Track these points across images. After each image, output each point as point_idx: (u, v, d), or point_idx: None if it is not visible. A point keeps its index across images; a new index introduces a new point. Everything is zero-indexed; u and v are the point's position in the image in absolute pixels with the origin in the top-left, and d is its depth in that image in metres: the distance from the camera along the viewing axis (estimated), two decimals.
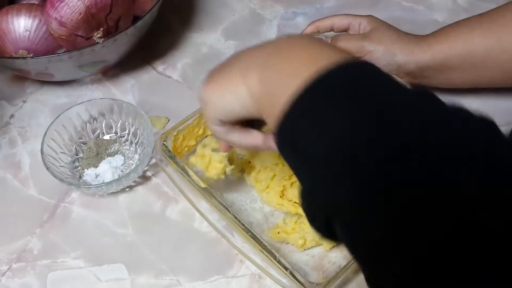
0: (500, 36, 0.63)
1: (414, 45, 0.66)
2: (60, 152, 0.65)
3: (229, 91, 0.45)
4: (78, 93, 0.75)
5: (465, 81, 0.67)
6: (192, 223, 0.62)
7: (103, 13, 0.66)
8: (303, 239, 0.58)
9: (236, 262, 0.59)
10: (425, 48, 0.65)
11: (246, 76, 0.43)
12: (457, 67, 0.65)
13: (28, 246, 0.60)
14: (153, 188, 0.65)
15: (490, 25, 0.64)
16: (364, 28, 0.69)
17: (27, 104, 0.74)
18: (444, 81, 0.68)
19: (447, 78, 0.67)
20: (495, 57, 0.63)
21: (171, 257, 0.59)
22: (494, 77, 0.66)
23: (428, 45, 0.65)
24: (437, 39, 0.66)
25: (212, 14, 0.86)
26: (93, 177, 0.64)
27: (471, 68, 0.65)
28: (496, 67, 0.64)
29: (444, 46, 0.65)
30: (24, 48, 0.68)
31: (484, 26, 0.64)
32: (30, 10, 0.68)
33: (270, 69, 0.41)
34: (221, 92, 0.46)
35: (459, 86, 0.69)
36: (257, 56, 0.44)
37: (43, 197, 0.64)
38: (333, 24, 0.72)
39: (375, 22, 0.69)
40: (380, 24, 0.69)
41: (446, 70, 0.66)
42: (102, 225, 0.62)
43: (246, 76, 0.43)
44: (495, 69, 0.65)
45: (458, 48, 0.64)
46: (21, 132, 0.71)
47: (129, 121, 0.67)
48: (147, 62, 0.79)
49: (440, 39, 0.66)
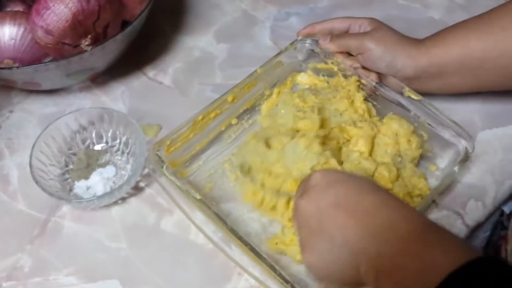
0: (498, 39, 0.61)
1: (413, 48, 0.64)
2: (49, 164, 0.63)
3: (338, 276, 0.46)
4: (66, 101, 0.73)
5: (463, 85, 0.66)
6: (187, 235, 0.60)
7: (90, 20, 0.64)
8: None
9: (234, 275, 0.57)
10: (423, 51, 0.64)
11: (359, 269, 0.43)
12: (454, 71, 0.63)
13: (19, 264, 0.58)
14: (146, 199, 0.63)
15: (487, 28, 0.62)
16: (365, 29, 0.67)
17: (14, 114, 0.72)
18: (442, 86, 0.66)
19: (445, 83, 0.65)
20: (493, 60, 0.62)
21: (167, 271, 0.57)
22: (492, 80, 0.64)
23: (426, 48, 0.64)
24: (434, 43, 0.64)
25: (203, 17, 0.84)
26: (84, 189, 0.62)
27: (468, 72, 0.63)
28: (494, 70, 0.63)
29: (440, 50, 0.63)
30: (9, 58, 0.66)
31: (481, 29, 0.62)
32: (14, 18, 0.66)
33: (395, 272, 0.40)
34: (329, 272, 0.46)
35: (458, 91, 0.68)
36: (370, 244, 0.43)
37: (33, 212, 0.62)
38: (332, 27, 0.70)
39: (377, 23, 0.67)
40: (381, 25, 0.67)
41: (444, 74, 0.64)
42: (95, 239, 0.60)
43: (358, 269, 0.43)
44: (493, 73, 0.63)
45: (455, 52, 0.63)
46: (8, 144, 0.69)
47: (120, 130, 0.65)
48: (138, 67, 0.76)
49: (436, 42, 0.64)
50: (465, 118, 0.67)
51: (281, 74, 0.70)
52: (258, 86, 0.68)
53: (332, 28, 0.70)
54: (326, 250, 0.46)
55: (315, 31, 0.70)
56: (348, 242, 0.44)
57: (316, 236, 0.46)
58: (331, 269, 0.46)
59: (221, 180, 0.63)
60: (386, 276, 0.40)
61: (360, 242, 0.43)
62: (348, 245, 0.44)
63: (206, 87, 0.74)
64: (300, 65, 0.71)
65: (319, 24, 0.70)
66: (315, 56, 0.70)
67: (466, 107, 0.70)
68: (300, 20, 0.82)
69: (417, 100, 0.64)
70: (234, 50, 0.79)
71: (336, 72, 0.68)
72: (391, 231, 0.42)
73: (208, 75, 0.76)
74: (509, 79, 0.63)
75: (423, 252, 0.39)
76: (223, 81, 0.75)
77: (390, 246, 0.41)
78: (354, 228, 0.44)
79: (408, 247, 0.40)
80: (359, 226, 0.44)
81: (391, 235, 0.42)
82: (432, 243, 0.40)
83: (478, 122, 0.69)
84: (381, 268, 0.41)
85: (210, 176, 0.64)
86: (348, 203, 0.46)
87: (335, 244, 0.45)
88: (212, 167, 0.64)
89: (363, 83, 0.66)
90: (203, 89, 0.74)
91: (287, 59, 0.69)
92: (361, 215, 0.44)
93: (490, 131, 0.69)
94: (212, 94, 0.72)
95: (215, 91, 0.73)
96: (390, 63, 0.64)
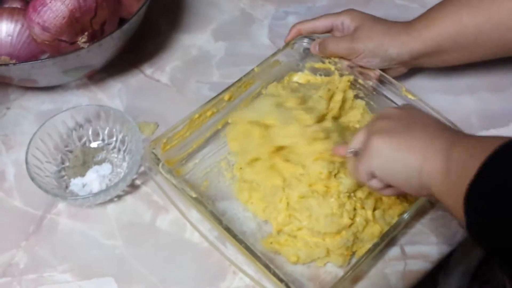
0: (490, 12, 0.61)
1: (404, 35, 0.64)
2: (45, 161, 0.63)
3: (403, 160, 0.47)
4: (63, 98, 0.73)
5: (458, 60, 0.67)
6: (183, 234, 0.60)
7: (87, 17, 0.64)
8: (296, 257, 0.56)
9: (229, 273, 0.57)
10: (415, 36, 0.64)
11: (426, 159, 0.45)
12: (449, 49, 0.64)
13: (14, 260, 0.58)
14: (142, 197, 0.63)
15: (478, 2, 0.62)
16: (348, 27, 0.67)
17: (11, 111, 0.72)
18: (438, 63, 0.67)
19: (440, 60, 0.66)
20: (487, 34, 0.62)
21: (162, 269, 0.57)
22: (487, 52, 0.65)
23: (418, 32, 0.64)
24: (424, 24, 0.64)
25: (200, 15, 0.84)
26: (80, 186, 0.62)
27: (463, 48, 0.64)
28: (488, 43, 0.63)
29: (433, 31, 0.63)
30: (6, 54, 0.66)
31: (472, 4, 0.62)
32: (12, 14, 0.66)
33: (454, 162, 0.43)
34: (395, 155, 0.47)
35: (453, 64, 0.68)
36: (440, 142, 0.46)
37: (29, 209, 0.62)
38: (315, 27, 0.69)
39: (358, 18, 0.67)
40: (364, 19, 0.67)
41: (439, 53, 0.65)
42: (90, 237, 0.60)
43: (426, 159, 0.45)
44: (488, 46, 0.64)
45: (448, 31, 0.63)
46: (5, 140, 0.69)
47: (117, 127, 0.65)
48: (135, 65, 0.76)
49: (427, 23, 0.64)
50: (462, 119, 0.67)
51: (278, 73, 0.70)
52: (255, 85, 0.68)
53: (314, 28, 0.69)
54: (403, 137, 0.48)
55: (301, 33, 0.70)
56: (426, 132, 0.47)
57: (401, 130, 0.48)
58: (394, 154, 0.47)
59: (217, 178, 0.63)
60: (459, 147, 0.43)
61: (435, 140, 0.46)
62: (425, 133, 0.47)
63: (203, 85, 0.74)
64: (297, 64, 0.71)
65: (302, 24, 0.70)
66: (313, 56, 0.69)
67: (463, 107, 0.70)
68: (298, 19, 0.81)
69: (413, 100, 0.64)
70: (231, 49, 0.79)
71: (333, 72, 0.68)
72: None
73: (206, 73, 0.76)
74: (502, 49, 0.64)
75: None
76: (220, 79, 0.75)
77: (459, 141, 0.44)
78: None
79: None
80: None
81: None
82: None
83: (475, 122, 0.69)
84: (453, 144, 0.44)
85: (206, 174, 0.64)
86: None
87: (413, 138, 0.47)
88: (208, 166, 0.64)
89: (360, 83, 0.66)
90: (200, 87, 0.74)
91: (284, 58, 0.69)
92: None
93: (487, 131, 0.69)
94: (209, 93, 0.72)
95: (212, 89, 0.73)
96: (384, 56, 0.64)
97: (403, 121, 0.49)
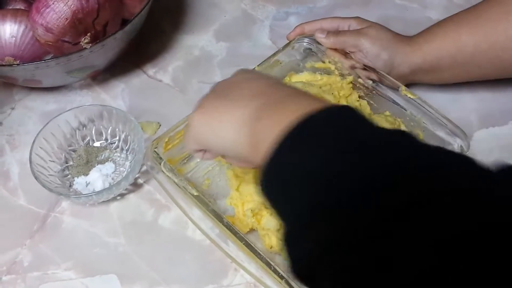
0: (487, 30, 0.62)
1: (407, 46, 0.65)
2: (49, 160, 0.63)
3: (218, 133, 0.45)
4: (67, 98, 0.74)
5: (455, 78, 0.67)
6: (185, 232, 0.61)
7: (90, 18, 0.64)
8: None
9: (230, 270, 0.58)
10: (416, 48, 0.64)
11: (236, 131, 0.43)
12: (448, 67, 0.65)
13: (18, 258, 0.59)
14: (145, 195, 0.64)
15: (476, 20, 0.63)
16: (355, 28, 0.68)
17: (16, 111, 0.72)
18: (435, 81, 0.68)
19: (438, 78, 0.67)
20: (484, 53, 0.63)
21: (164, 267, 0.58)
22: (484, 72, 0.66)
23: (418, 45, 0.65)
24: (425, 39, 0.65)
25: (202, 16, 0.84)
26: (83, 185, 0.63)
27: (461, 66, 0.65)
28: (485, 62, 0.64)
29: (433, 46, 0.64)
30: (10, 55, 0.67)
31: (471, 23, 0.63)
32: (15, 15, 0.67)
33: (260, 121, 0.41)
34: (213, 126, 0.45)
35: (450, 82, 0.69)
36: (249, 112, 0.42)
37: (33, 207, 0.63)
38: (321, 28, 0.70)
39: (366, 22, 0.68)
40: (373, 23, 0.68)
41: (438, 71, 0.65)
42: (94, 235, 0.61)
43: (236, 131, 0.43)
44: (484, 65, 0.64)
45: (448, 48, 0.64)
46: (9, 140, 0.69)
47: (120, 127, 0.66)
48: (137, 65, 0.77)
49: (428, 38, 0.65)
50: (462, 117, 0.67)
51: (279, 73, 0.70)
52: None
53: (320, 29, 0.70)
54: (216, 110, 0.45)
55: (304, 32, 0.70)
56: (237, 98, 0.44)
57: (214, 102, 0.46)
58: (212, 125, 0.45)
59: (219, 177, 0.64)
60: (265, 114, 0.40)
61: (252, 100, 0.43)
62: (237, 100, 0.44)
63: (205, 85, 0.75)
64: (298, 64, 0.71)
65: (308, 24, 0.71)
66: (313, 55, 0.70)
67: (462, 106, 0.71)
68: (299, 19, 0.82)
69: (413, 99, 0.64)
70: (233, 49, 0.80)
71: (333, 71, 0.69)
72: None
73: (208, 73, 0.77)
74: (498, 70, 0.65)
75: (301, 99, 0.40)
76: (222, 79, 0.75)
77: (274, 99, 0.42)
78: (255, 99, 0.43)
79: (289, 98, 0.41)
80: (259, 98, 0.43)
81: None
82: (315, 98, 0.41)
83: (475, 121, 0.70)
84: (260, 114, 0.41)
85: (208, 173, 0.64)
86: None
87: (226, 107, 0.45)
88: (210, 165, 0.65)
89: (360, 82, 0.67)
90: (202, 88, 0.75)
91: (285, 58, 0.70)
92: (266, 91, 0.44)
93: (487, 130, 0.69)
94: None
95: None
96: (388, 61, 0.65)
97: (226, 91, 0.47)
